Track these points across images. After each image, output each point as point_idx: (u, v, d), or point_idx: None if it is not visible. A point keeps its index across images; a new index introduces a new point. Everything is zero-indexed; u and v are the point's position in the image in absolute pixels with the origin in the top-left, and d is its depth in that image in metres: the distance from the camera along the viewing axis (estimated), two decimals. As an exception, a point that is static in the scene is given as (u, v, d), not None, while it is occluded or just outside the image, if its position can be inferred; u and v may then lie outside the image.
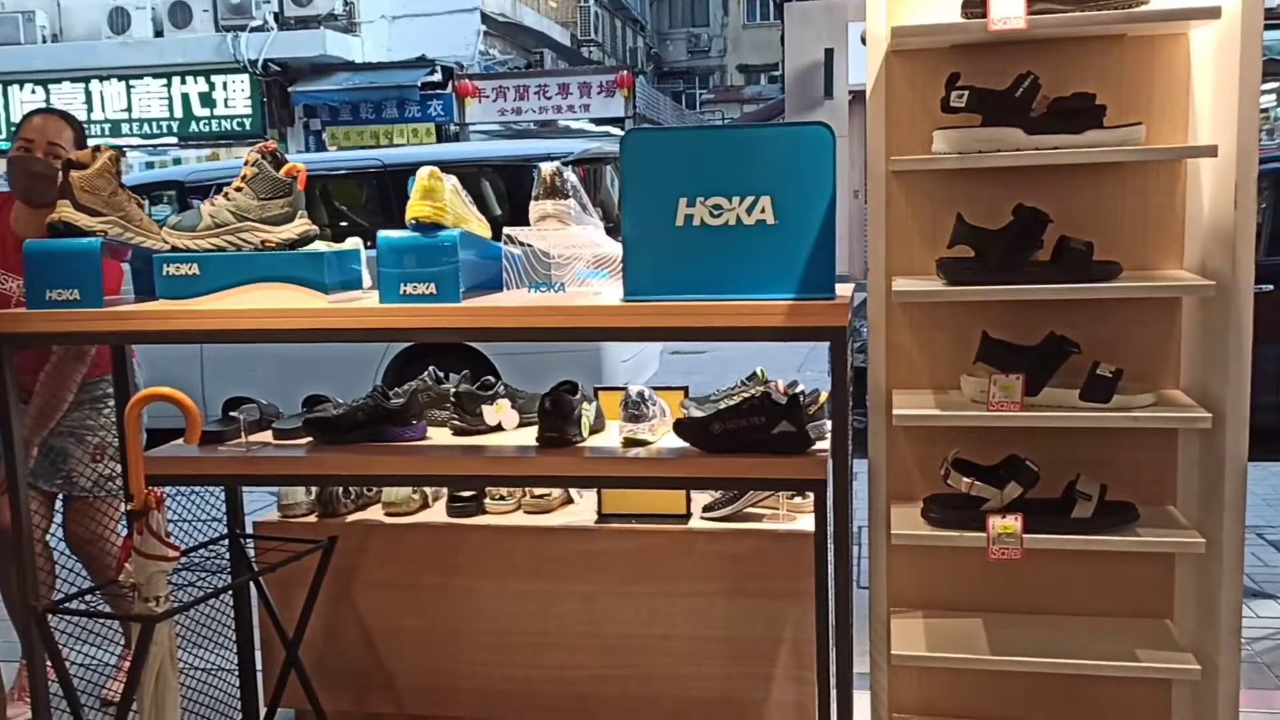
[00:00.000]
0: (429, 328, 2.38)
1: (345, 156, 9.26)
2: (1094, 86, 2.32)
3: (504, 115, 16.64)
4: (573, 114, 16.63)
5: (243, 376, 5.83)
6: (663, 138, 2.34)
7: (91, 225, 2.53)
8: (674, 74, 37.98)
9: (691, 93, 36.90)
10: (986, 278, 2.23)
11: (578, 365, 6.21)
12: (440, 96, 16.40)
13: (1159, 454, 2.46)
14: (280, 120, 16.80)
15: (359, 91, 16.36)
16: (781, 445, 2.42)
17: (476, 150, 8.97)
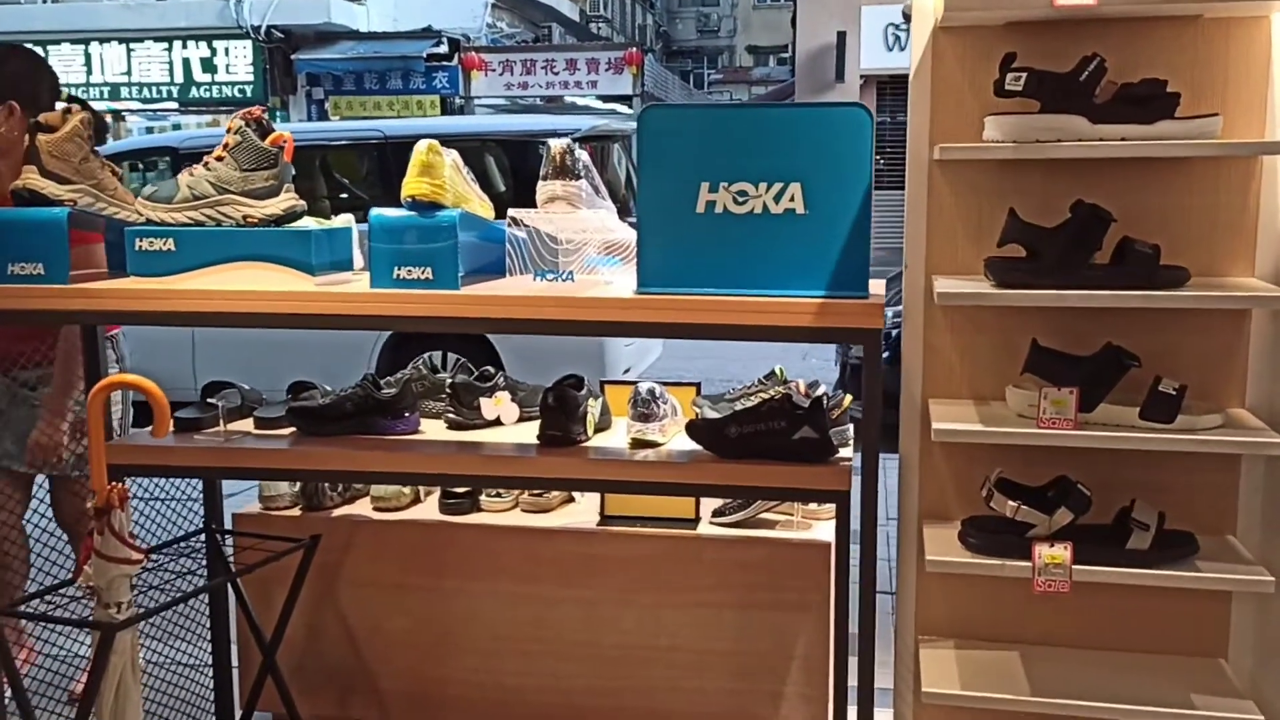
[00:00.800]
0: (424, 316, 2.19)
1: (345, 127, 9.06)
2: (1164, 72, 2.10)
3: (510, 90, 16.45)
4: (579, 90, 16.45)
5: (236, 358, 5.64)
6: (684, 115, 2.14)
7: (59, 194, 2.34)
8: (683, 53, 37.74)
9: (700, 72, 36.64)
10: (1040, 280, 2.02)
11: (579, 346, 6.04)
12: (446, 69, 16.22)
13: (1220, 478, 2.26)
14: (283, 88, 16.60)
15: (363, 61, 16.16)
16: (803, 452, 2.25)
17: (481, 124, 8.74)
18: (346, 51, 16.02)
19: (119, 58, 16.46)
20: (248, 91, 16.37)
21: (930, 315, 2.23)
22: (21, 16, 16.25)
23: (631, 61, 16.01)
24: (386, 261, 2.20)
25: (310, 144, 7.66)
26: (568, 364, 5.70)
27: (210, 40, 16.24)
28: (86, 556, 2.11)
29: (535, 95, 16.60)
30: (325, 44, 16.16)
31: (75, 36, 16.26)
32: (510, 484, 2.77)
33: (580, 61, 16.36)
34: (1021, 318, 2.22)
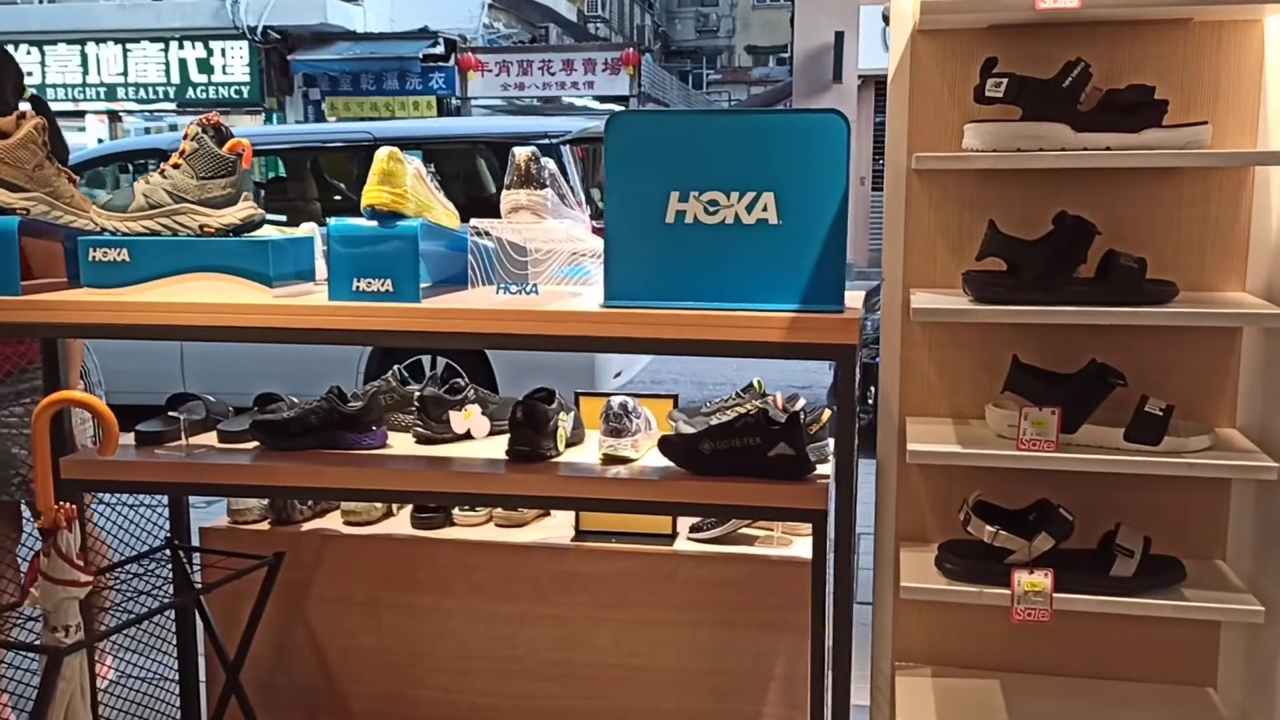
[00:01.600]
0: (383, 330, 2.11)
1: (336, 128, 9.00)
2: (1153, 78, 2.02)
3: (507, 90, 16.39)
4: (576, 91, 16.39)
5: (228, 369, 5.56)
6: (653, 121, 2.07)
7: (11, 202, 2.27)
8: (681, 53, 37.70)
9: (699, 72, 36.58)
10: (1021, 296, 1.94)
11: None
12: (442, 69, 16.17)
13: (1209, 500, 2.18)
14: (279, 89, 16.55)
15: (360, 62, 16.11)
16: (778, 470, 2.18)
17: (471, 126, 8.68)
18: (343, 52, 15.96)
19: (115, 58, 16.41)
20: (244, 92, 16.33)
21: (908, 330, 2.14)
22: (18, 16, 16.21)
23: (628, 62, 15.94)
24: (345, 273, 2.12)
25: (302, 146, 7.61)
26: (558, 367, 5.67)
27: (207, 41, 16.20)
28: (33, 579, 2.04)
29: (532, 96, 16.54)
30: (322, 44, 16.11)
31: (71, 37, 16.22)
32: (478, 501, 2.70)
33: (577, 62, 16.30)
34: (1003, 334, 2.14)
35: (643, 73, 16.64)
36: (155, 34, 16.15)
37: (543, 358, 5.33)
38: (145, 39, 16.20)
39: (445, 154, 7.51)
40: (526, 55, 16.79)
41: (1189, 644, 2.23)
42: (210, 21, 15.96)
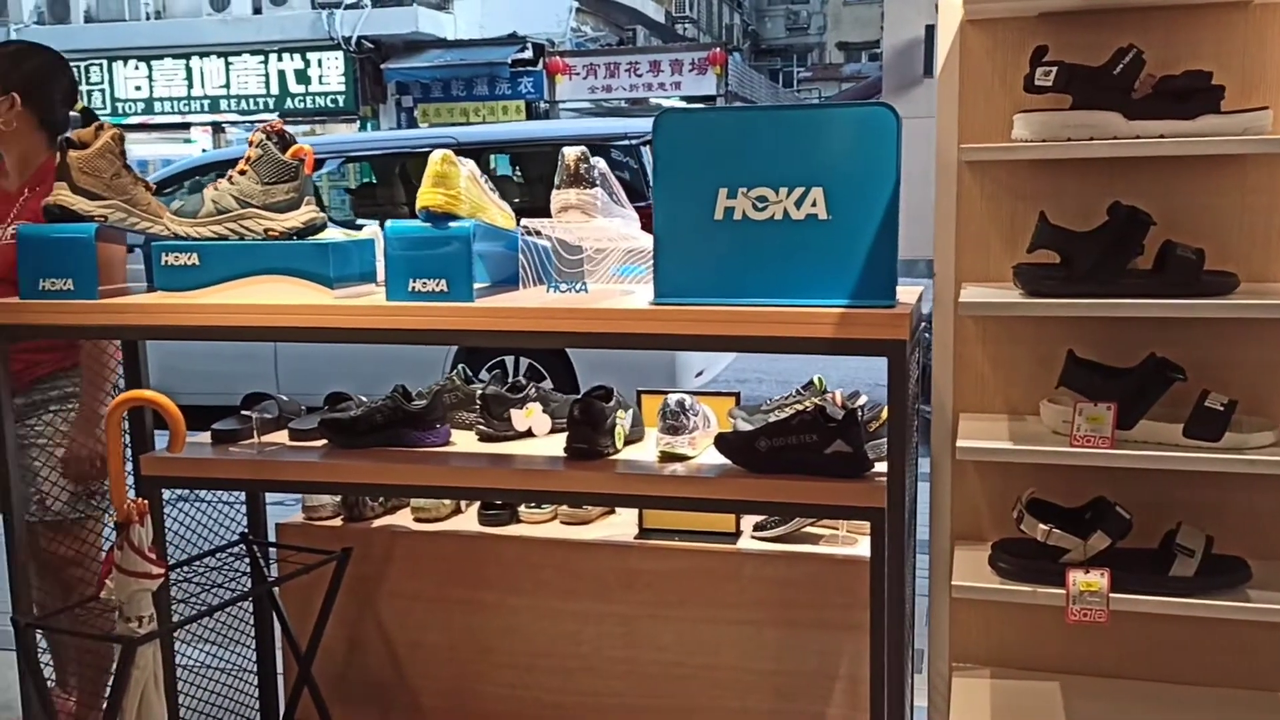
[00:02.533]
0: (437, 329, 2.15)
1: (421, 134, 9.18)
2: (1211, 64, 1.95)
3: (594, 93, 16.50)
4: (664, 92, 16.42)
5: (318, 369, 5.70)
6: (701, 118, 2.07)
7: (90, 210, 2.36)
8: (771, 51, 37.44)
9: (789, 70, 36.29)
10: (1073, 289, 1.89)
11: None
12: (531, 74, 16.34)
13: (1276, 498, 2.09)
14: (373, 97, 16.92)
15: (450, 68, 16.37)
16: (835, 467, 2.16)
17: (552, 129, 8.75)
18: (434, 60, 16.25)
19: (218, 71, 16.94)
20: (340, 101, 16.73)
21: (961, 326, 2.11)
22: (127, 33, 16.85)
23: (715, 61, 15.92)
24: (402, 274, 2.17)
25: (390, 152, 7.78)
26: (639, 365, 5.69)
27: (304, 52, 16.63)
28: (108, 571, 2.12)
29: (619, 98, 16.62)
30: (414, 53, 16.42)
31: (177, 52, 16.80)
32: (536, 498, 2.73)
33: (664, 63, 16.34)
34: (1058, 328, 2.09)
35: (730, 72, 16.60)
36: (255, 47, 16.63)
37: (623, 356, 5.36)
38: (246, 52, 16.69)
39: (528, 157, 7.61)
40: (613, 58, 16.88)
41: (1257, 647, 2.14)
42: (307, 34, 16.39)
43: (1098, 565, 1.90)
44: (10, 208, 2.80)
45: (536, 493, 2.50)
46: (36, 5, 17.06)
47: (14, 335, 2.38)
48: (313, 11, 16.33)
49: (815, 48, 37.36)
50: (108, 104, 17.11)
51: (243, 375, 6.03)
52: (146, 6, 17.15)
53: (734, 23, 33.61)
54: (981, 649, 2.24)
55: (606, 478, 2.29)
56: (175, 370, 5.98)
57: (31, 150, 2.83)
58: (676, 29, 25.06)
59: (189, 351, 3.62)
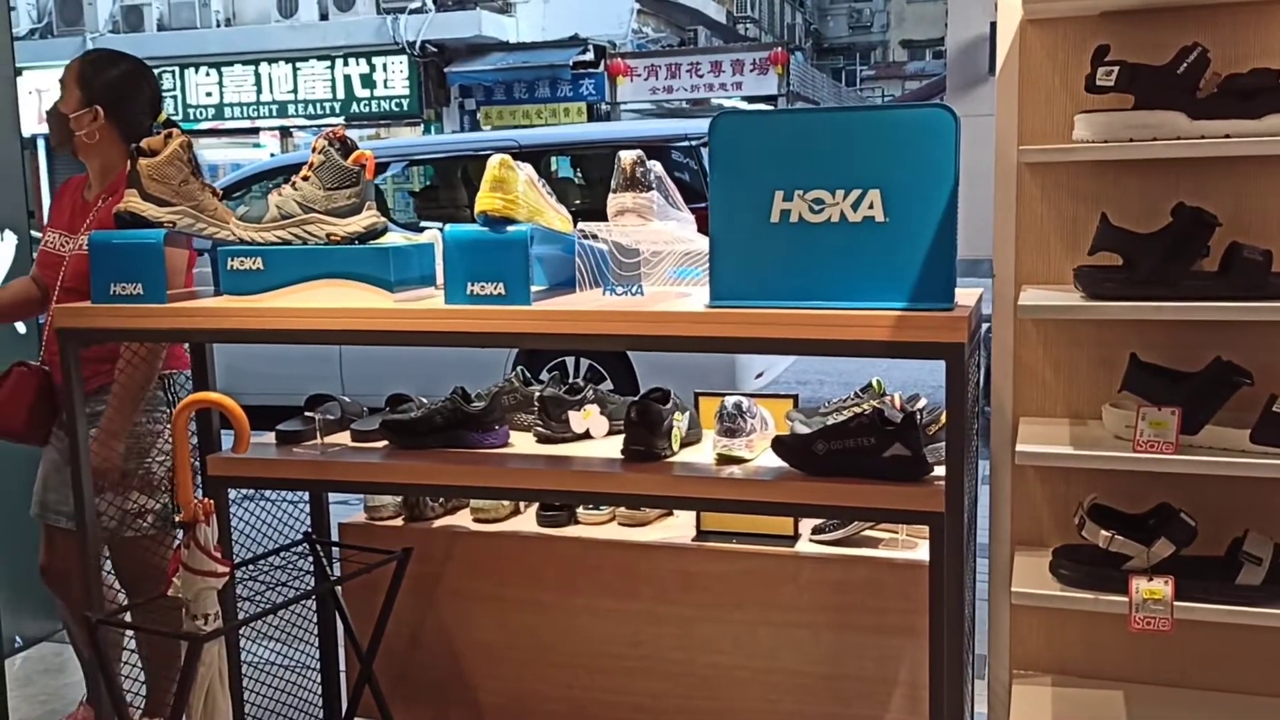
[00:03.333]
0: (495, 332, 2.17)
1: (483, 137, 9.26)
2: (1278, 62, 1.91)
3: (655, 94, 16.52)
4: (725, 92, 16.38)
5: (382, 370, 5.78)
6: (757, 121, 2.07)
7: (159, 216, 2.41)
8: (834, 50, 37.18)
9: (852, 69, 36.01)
10: (1135, 291, 1.85)
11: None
12: (592, 75, 16.41)
13: (1349, 506, 2.04)
14: (437, 100, 17.09)
15: (512, 71, 16.49)
16: (893, 471, 2.14)
17: (612, 130, 8.81)
18: (496, 63, 16.37)
19: (286, 77, 17.23)
20: (404, 105, 16.92)
21: (1021, 329, 2.08)
22: (197, 40, 17.20)
23: (776, 61, 15.85)
24: (460, 277, 2.19)
25: (453, 155, 7.86)
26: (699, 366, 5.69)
27: (369, 57, 16.84)
28: (174, 569, 2.18)
29: (680, 99, 16.62)
30: (476, 56, 16.57)
31: (246, 58, 17.11)
32: (594, 499, 2.74)
33: (725, 63, 16.30)
34: (1121, 331, 2.05)
35: (791, 71, 16.51)
36: (322, 52, 16.88)
37: (684, 358, 5.35)
38: (313, 57, 16.95)
39: (589, 159, 7.64)
40: (674, 59, 16.88)
41: (1331, 659, 2.09)
42: (372, 39, 16.60)
43: (1161, 573, 1.87)
44: (86, 218, 2.86)
45: (593, 494, 2.51)
46: (111, 14, 17.49)
47: (85, 339, 2.45)
48: (378, 16, 16.55)
49: (878, 46, 37.04)
50: (180, 110, 17.49)
51: (309, 377, 6.13)
52: (217, 14, 17.50)
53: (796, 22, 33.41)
54: (1043, 656, 2.21)
55: (663, 480, 2.30)
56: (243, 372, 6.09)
57: (112, 160, 2.86)
58: (738, 29, 24.98)
59: (257, 354, 3.68)
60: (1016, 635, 2.13)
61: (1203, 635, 2.08)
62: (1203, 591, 1.88)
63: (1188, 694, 2.13)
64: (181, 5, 17.38)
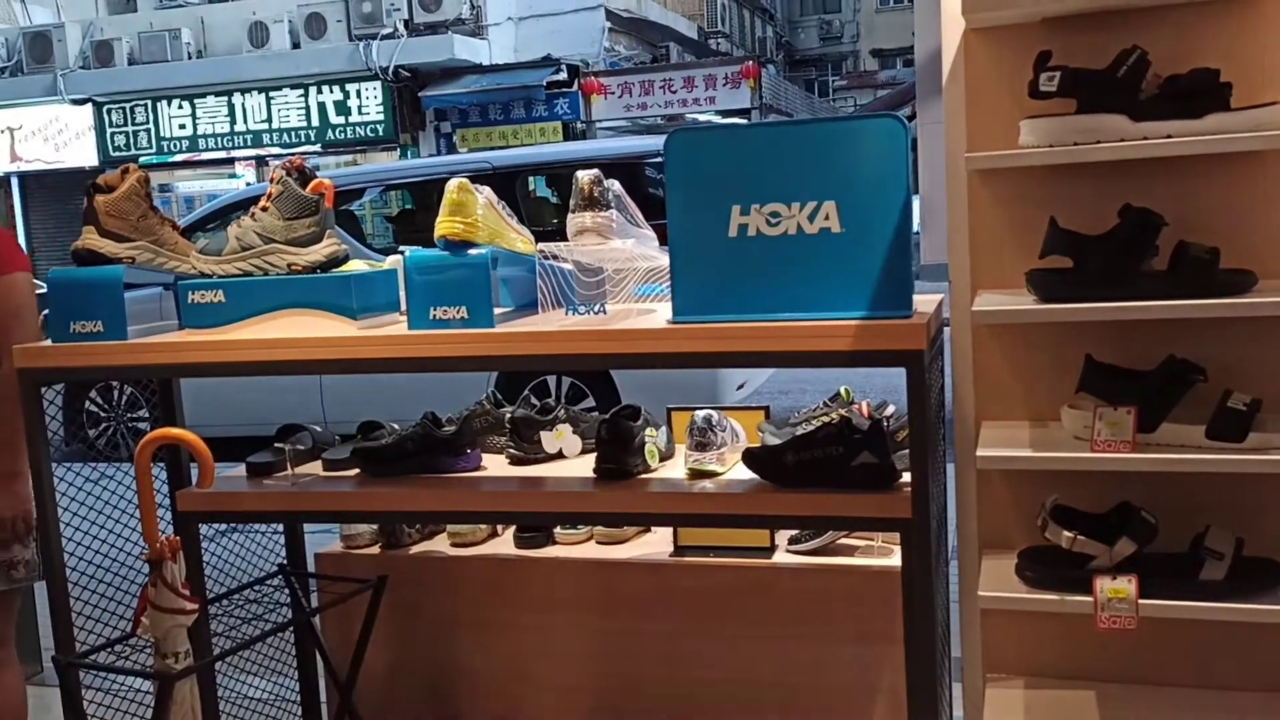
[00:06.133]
0: (459, 356, 2.17)
1: (457, 160, 9.26)
2: (1221, 62, 1.92)
3: (630, 111, 16.56)
4: (699, 107, 16.43)
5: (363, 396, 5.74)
6: (711, 137, 2.08)
7: (117, 252, 2.41)
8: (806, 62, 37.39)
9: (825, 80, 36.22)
10: (1086, 293, 1.87)
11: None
12: (566, 95, 16.43)
13: (1308, 499, 2.06)
14: (412, 124, 17.09)
15: (487, 93, 16.51)
16: (862, 479, 2.14)
17: (587, 149, 8.83)
18: (470, 85, 16.39)
19: (259, 106, 17.20)
20: (379, 130, 16.92)
21: (979, 333, 2.09)
22: (169, 73, 17.17)
23: (748, 75, 15.91)
24: (422, 302, 2.20)
25: (429, 178, 7.87)
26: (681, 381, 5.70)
27: (343, 84, 16.84)
28: (143, 608, 2.17)
29: (655, 115, 16.66)
30: (450, 80, 16.57)
31: (219, 89, 17.08)
32: (567, 520, 2.75)
33: (697, 78, 16.36)
34: (1076, 332, 2.07)
35: (764, 84, 16.58)
36: (295, 81, 16.87)
37: (665, 373, 5.36)
38: (286, 86, 16.93)
39: (564, 178, 7.66)
40: (647, 75, 16.92)
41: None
42: (345, 65, 16.60)
43: (1125, 571, 1.88)
44: None
45: (566, 515, 2.51)
46: (81, 50, 17.47)
47: (46, 379, 2.43)
48: (350, 43, 16.55)
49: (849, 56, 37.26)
50: (153, 143, 17.45)
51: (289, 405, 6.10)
52: (188, 46, 17.48)
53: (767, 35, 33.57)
54: (1015, 658, 2.22)
55: (636, 497, 2.30)
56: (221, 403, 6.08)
57: None
58: (709, 44, 25.06)
59: (235, 384, 3.67)
60: (989, 638, 2.13)
61: (1170, 632, 2.09)
62: (1166, 588, 1.89)
63: (1158, 691, 2.13)
64: (151, 38, 17.36)
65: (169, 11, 18.15)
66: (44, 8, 18.08)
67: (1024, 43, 2.03)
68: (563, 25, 17.89)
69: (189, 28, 17.53)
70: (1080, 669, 2.18)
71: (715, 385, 6.40)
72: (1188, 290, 1.84)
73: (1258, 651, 2.15)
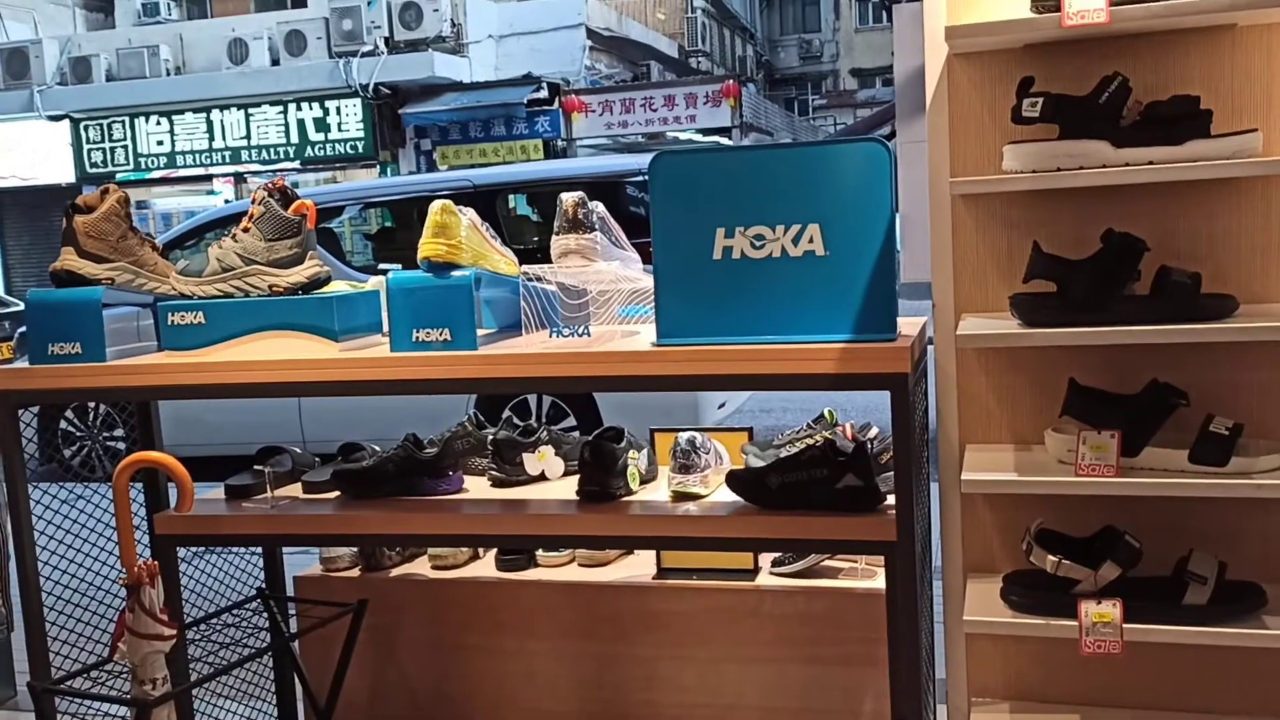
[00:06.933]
0: (442, 379, 2.16)
1: (438, 177, 9.24)
2: (1199, 89, 1.95)
3: (610, 129, 16.59)
4: (679, 125, 16.49)
5: (344, 417, 5.70)
6: (696, 160, 2.08)
7: (96, 273, 2.39)
8: (786, 80, 37.62)
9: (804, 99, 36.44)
10: (1069, 317, 1.88)
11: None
12: (547, 113, 16.45)
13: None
14: (392, 142, 17.07)
15: (467, 111, 16.51)
16: (847, 502, 2.14)
17: (568, 167, 8.82)
18: (450, 103, 16.38)
19: (239, 123, 17.14)
20: (359, 147, 16.88)
21: (963, 356, 2.10)
22: (147, 89, 17.09)
23: (729, 94, 15.99)
24: (405, 324, 2.18)
25: (409, 196, 7.84)
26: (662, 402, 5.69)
27: (323, 101, 16.80)
28: (120, 633, 2.14)
29: (636, 133, 16.70)
30: (430, 97, 16.57)
31: (198, 105, 17.02)
32: (550, 543, 2.73)
33: (678, 97, 16.42)
34: (1060, 356, 2.07)
35: (744, 103, 16.66)
36: (275, 98, 16.82)
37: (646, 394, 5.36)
38: (265, 103, 16.88)
39: (545, 196, 7.65)
40: (628, 94, 16.98)
41: (1275, 673, 2.10)
42: (325, 82, 16.57)
43: (1110, 595, 1.88)
44: None
45: (549, 538, 2.50)
46: (59, 66, 17.38)
47: (24, 401, 2.41)
48: (330, 60, 16.53)
49: (829, 75, 37.51)
50: (130, 160, 17.36)
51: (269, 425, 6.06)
52: (166, 62, 17.41)
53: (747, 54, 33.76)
54: (999, 682, 2.21)
55: (618, 520, 2.29)
56: (200, 423, 6.04)
57: None
58: (690, 63, 25.17)
59: (214, 405, 3.64)
60: (974, 662, 2.13)
61: (1154, 655, 2.10)
62: (1150, 613, 1.89)
63: (1143, 715, 2.13)
64: (130, 55, 17.28)
65: (147, 28, 18.07)
66: (21, 23, 17.97)
67: (1006, 68, 2.05)
68: (543, 43, 17.93)
69: (168, 44, 17.46)
70: (1065, 693, 2.18)
71: (696, 404, 6.39)
72: (1170, 315, 1.85)
73: (1241, 675, 2.15)
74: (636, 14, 22.12)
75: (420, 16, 16.36)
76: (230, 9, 18.68)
